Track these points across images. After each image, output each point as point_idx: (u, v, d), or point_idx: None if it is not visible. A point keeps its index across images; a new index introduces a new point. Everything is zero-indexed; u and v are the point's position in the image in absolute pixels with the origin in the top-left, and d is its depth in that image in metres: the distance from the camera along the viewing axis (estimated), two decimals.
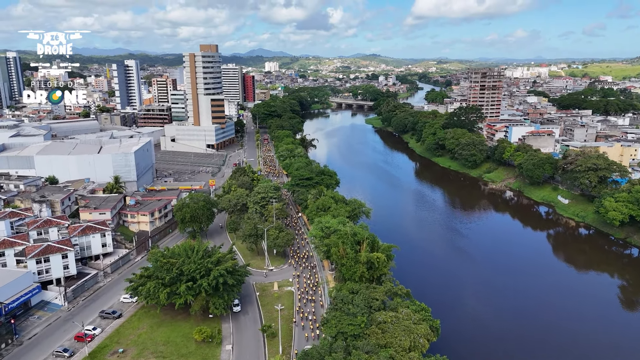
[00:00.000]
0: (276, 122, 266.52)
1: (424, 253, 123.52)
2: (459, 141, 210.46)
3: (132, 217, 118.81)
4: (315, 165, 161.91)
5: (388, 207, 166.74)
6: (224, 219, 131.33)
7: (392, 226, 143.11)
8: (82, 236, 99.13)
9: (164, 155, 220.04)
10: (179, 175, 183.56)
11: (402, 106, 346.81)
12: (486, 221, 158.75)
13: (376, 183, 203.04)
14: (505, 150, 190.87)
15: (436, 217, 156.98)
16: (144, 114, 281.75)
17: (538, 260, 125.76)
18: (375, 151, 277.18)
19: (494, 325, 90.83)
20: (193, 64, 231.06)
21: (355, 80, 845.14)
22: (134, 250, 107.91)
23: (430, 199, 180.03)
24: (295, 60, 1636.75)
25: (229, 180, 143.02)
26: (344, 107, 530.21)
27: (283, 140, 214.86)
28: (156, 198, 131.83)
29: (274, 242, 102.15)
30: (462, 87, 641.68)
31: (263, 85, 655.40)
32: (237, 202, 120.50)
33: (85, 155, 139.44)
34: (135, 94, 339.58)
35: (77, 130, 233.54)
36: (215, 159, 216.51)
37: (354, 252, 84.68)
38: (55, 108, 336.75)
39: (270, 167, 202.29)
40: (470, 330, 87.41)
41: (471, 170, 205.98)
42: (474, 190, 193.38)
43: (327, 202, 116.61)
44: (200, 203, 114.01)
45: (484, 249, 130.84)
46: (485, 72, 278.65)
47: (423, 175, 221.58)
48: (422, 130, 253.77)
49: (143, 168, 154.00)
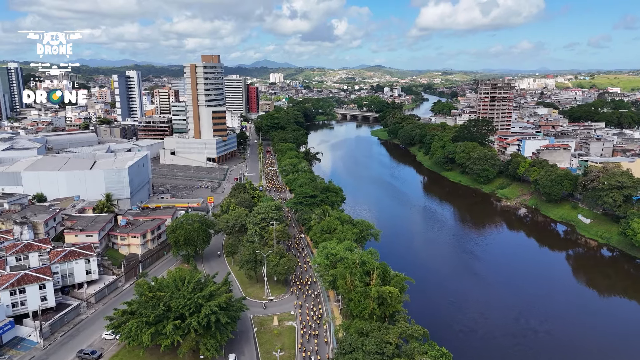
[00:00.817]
0: (279, 134, 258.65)
1: (437, 280, 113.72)
2: (470, 155, 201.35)
3: (122, 239, 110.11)
4: (320, 181, 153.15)
5: (396, 225, 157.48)
6: (222, 240, 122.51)
7: (402, 248, 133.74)
8: (64, 262, 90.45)
9: (162, 169, 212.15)
10: (177, 191, 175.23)
11: (409, 118, 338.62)
12: (502, 242, 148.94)
13: (383, 199, 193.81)
14: (520, 165, 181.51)
15: (448, 238, 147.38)
16: (144, 126, 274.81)
17: (561, 284, 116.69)
18: (382, 164, 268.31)
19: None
20: (194, 74, 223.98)
21: (360, 91, 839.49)
22: (122, 276, 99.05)
23: (441, 217, 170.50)
24: (300, 71, 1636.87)
25: (227, 198, 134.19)
26: (349, 119, 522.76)
27: (286, 153, 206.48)
28: (149, 217, 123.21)
29: (274, 269, 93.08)
30: (468, 98, 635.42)
31: (267, 97, 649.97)
32: (235, 222, 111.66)
33: (76, 171, 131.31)
34: (137, 105, 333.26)
35: (74, 143, 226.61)
36: (216, 173, 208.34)
37: (363, 284, 75.42)
38: (55, 119, 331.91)
39: (272, 181, 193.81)
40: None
41: (483, 186, 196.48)
42: (487, 207, 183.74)
43: (333, 223, 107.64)
44: (195, 224, 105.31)
45: (503, 273, 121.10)
46: (495, 83, 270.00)
47: (432, 190, 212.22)
48: (430, 143, 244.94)
49: (138, 184, 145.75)
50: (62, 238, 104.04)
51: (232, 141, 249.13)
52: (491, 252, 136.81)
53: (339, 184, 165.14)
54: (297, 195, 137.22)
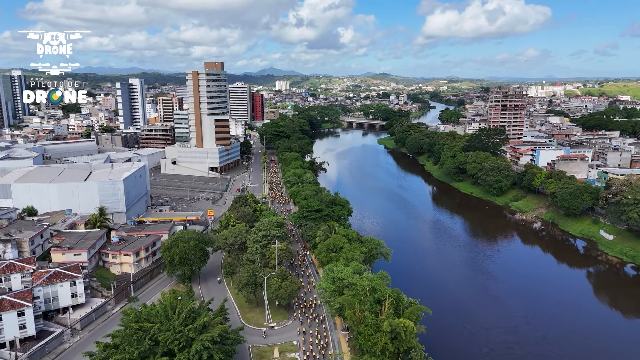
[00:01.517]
0: (284, 143, 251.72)
1: (452, 304, 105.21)
2: (482, 165, 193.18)
3: (114, 258, 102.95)
4: (326, 193, 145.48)
5: (405, 240, 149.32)
6: (221, 258, 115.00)
7: (412, 267, 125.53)
8: (47, 285, 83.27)
9: (163, 179, 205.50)
10: (176, 203, 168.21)
11: (417, 126, 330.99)
12: (519, 259, 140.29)
13: (391, 211, 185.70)
14: (536, 176, 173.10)
15: (462, 255, 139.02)
16: (146, 134, 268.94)
17: (583, 306, 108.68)
18: (389, 174, 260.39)
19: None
20: (196, 82, 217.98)
21: (366, 99, 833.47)
22: (111, 299, 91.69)
23: (453, 231, 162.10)
24: (306, 79, 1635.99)
25: (227, 213, 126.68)
26: (355, 127, 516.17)
27: (291, 163, 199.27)
28: (145, 233, 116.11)
29: (275, 293, 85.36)
30: (476, 106, 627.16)
31: (273, 104, 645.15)
32: (234, 240, 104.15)
33: (68, 184, 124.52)
34: (139, 113, 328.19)
35: (73, 152, 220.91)
36: (218, 183, 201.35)
37: (373, 315, 67.55)
38: (58, 127, 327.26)
39: (276, 192, 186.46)
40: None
41: (496, 198, 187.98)
42: (500, 220, 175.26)
43: (339, 241, 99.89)
44: (191, 242, 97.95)
45: (522, 295, 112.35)
46: (506, 91, 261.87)
47: (442, 202, 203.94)
48: (440, 152, 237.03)
49: (135, 196, 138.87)
50: (49, 257, 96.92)
51: (236, 150, 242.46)
52: (508, 271, 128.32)
53: (345, 195, 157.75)
54: (301, 209, 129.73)
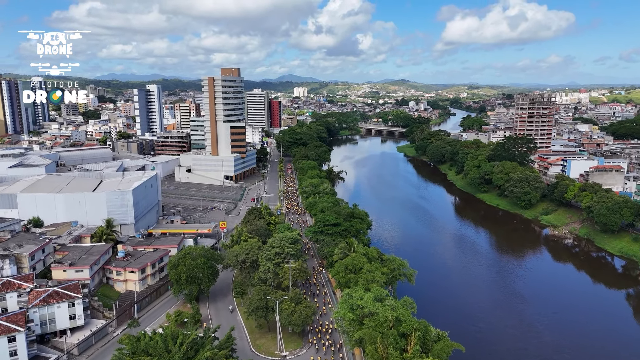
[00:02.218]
0: (301, 151, 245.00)
1: (483, 336, 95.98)
2: (510, 176, 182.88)
3: (118, 274, 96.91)
4: (344, 205, 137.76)
5: (428, 256, 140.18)
6: (232, 275, 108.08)
7: (437, 287, 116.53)
8: (44, 306, 77.36)
9: (177, 187, 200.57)
10: (189, 213, 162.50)
11: (438, 134, 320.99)
12: (552, 279, 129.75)
13: (413, 224, 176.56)
14: (568, 189, 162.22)
15: (490, 275, 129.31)
16: (162, 141, 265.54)
17: (625, 333, 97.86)
18: (410, 184, 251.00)
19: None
20: (212, 88, 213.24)
21: (384, 105, 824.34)
22: (113, 320, 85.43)
23: (479, 247, 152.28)
24: (324, 85, 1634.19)
25: (238, 227, 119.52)
26: (374, 134, 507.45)
27: (307, 172, 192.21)
28: (152, 247, 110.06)
29: (288, 319, 77.80)
30: (498, 113, 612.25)
31: (290, 111, 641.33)
32: (246, 257, 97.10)
33: (75, 194, 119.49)
34: (156, 119, 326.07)
35: (87, 159, 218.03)
36: (233, 192, 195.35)
37: (398, 353, 59.42)
38: (76, 134, 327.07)
39: (292, 202, 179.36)
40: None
41: (525, 211, 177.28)
42: (530, 235, 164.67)
43: (359, 260, 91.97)
44: (199, 260, 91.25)
45: (558, 321, 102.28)
46: (534, 98, 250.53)
47: (467, 214, 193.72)
48: (463, 161, 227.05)
49: (145, 207, 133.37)
50: (50, 273, 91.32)
51: (252, 158, 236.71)
52: (542, 294, 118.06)
53: (363, 205, 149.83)
54: (317, 222, 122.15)
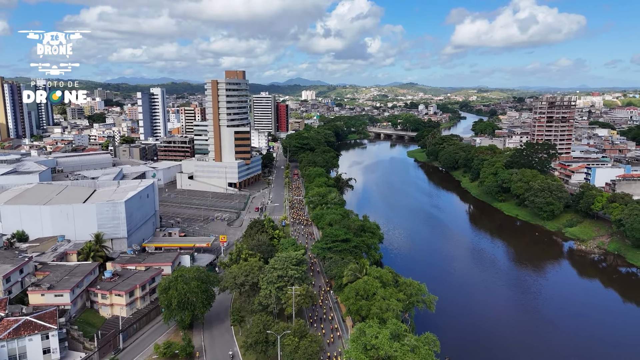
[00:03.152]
0: (308, 156, 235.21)
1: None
2: (530, 185, 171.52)
3: (104, 298, 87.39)
4: (353, 218, 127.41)
5: (445, 272, 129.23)
6: (230, 297, 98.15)
7: (457, 309, 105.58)
8: (13, 339, 68.02)
9: (178, 195, 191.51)
10: (188, 224, 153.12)
11: (450, 138, 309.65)
12: (583, 301, 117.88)
13: (426, 235, 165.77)
14: (595, 199, 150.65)
15: (516, 296, 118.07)
16: (164, 146, 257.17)
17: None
18: (422, 191, 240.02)
19: None
20: (216, 92, 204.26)
21: (393, 109, 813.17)
22: (94, 353, 75.86)
23: (500, 262, 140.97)
24: (332, 88, 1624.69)
25: (238, 244, 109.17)
26: (383, 138, 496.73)
27: (314, 180, 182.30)
28: (144, 265, 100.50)
29: (291, 356, 67.72)
30: (510, 116, 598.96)
31: (298, 114, 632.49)
32: (245, 279, 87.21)
33: (62, 206, 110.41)
34: (160, 123, 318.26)
35: (86, 165, 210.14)
36: (236, 200, 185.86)
37: None
38: (78, 138, 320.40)
39: (298, 212, 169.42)
40: None
41: (546, 222, 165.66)
42: (554, 249, 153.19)
43: (371, 285, 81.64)
44: (192, 283, 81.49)
45: (593, 354, 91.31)
46: (553, 102, 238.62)
47: (484, 225, 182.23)
48: (478, 168, 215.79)
49: (139, 219, 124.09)
50: (27, 297, 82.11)
51: (257, 164, 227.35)
52: (570, 316, 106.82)
53: (374, 216, 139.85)
54: (325, 237, 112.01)
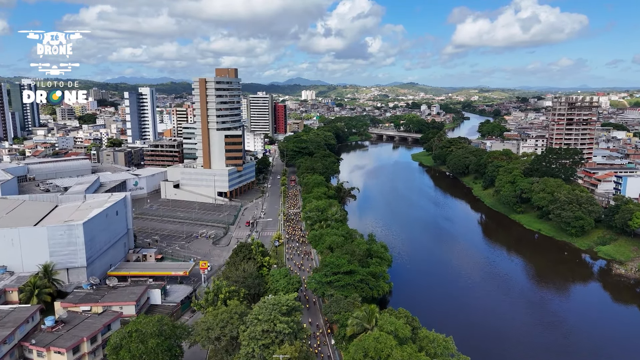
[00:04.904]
0: (306, 162, 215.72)
1: None
2: (555, 196, 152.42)
3: (40, 356, 68.25)
4: (358, 240, 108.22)
5: (467, 306, 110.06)
6: (204, 355, 78.65)
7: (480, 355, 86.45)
8: None
9: (161, 207, 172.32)
10: (168, 242, 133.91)
11: (458, 141, 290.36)
12: (627, 335, 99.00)
13: (439, 254, 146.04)
14: (634, 215, 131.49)
15: (554, 337, 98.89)
16: (151, 151, 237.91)
17: None
18: (430, 200, 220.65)
19: None
20: (204, 91, 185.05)
21: (395, 109, 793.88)
22: None
23: (528, 289, 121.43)
24: (332, 88, 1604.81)
25: (216, 280, 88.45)
26: (385, 139, 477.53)
27: (313, 190, 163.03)
28: (101, 304, 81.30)
29: None
30: (515, 117, 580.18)
31: (297, 115, 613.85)
32: (221, 333, 67.96)
33: (5, 230, 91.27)
34: (149, 125, 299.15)
35: (61, 172, 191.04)
36: (225, 213, 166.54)
37: None
38: (63, 140, 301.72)
39: (294, 227, 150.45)
40: None
41: (575, 239, 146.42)
42: (584, 270, 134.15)
43: (384, 343, 62.53)
44: (150, 342, 62.35)
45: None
46: (573, 102, 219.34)
47: (503, 240, 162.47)
48: (493, 175, 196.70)
49: (105, 242, 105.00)
50: None
51: (250, 170, 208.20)
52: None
53: (379, 230, 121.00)
54: (324, 267, 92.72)
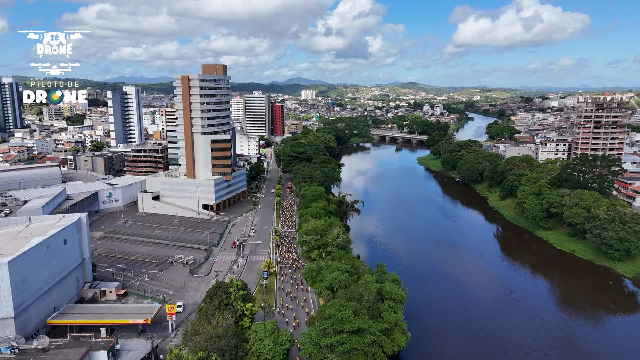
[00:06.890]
0: (304, 169, 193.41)
1: None
2: (592, 213, 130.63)
3: None
4: (366, 277, 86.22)
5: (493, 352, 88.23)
6: None
7: None
8: None
9: (136, 223, 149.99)
10: (136, 271, 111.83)
11: (469, 145, 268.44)
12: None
13: (458, 283, 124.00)
14: None
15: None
16: (133, 156, 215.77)
17: None
18: (442, 212, 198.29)
19: None
20: (187, 90, 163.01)
21: (397, 109, 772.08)
22: None
23: (570, 330, 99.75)
24: (333, 88, 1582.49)
25: (185, 337, 67.22)
26: (388, 141, 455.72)
27: (311, 205, 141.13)
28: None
29: None
30: (522, 117, 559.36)
31: (297, 115, 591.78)
32: None
33: None
34: (135, 128, 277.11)
35: (26, 182, 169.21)
36: (210, 230, 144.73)
37: None
38: (42, 143, 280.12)
39: (287, 250, 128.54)
40: None
41: (618, 264, 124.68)
42: (629, 301, 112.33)
43: None
44: None
45: None
46: (601, 103, 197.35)
47: (531, 264, 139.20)
48: (514, 185, 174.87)
49: (45, 281, 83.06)
50: None
51: (241, 179, 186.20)
52: None
53: (386, 253, 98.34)
54: (324, 321, 70.77)
